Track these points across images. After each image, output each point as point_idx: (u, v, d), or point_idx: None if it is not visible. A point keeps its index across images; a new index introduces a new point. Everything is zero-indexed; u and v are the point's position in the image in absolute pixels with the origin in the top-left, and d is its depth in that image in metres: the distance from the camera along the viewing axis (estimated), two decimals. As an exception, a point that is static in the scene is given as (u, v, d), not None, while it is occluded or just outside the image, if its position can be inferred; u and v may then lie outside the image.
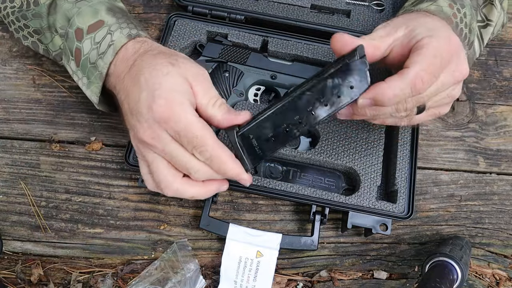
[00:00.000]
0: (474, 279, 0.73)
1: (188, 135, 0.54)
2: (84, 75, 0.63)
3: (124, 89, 0.58)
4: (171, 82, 0.54)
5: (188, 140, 0.54)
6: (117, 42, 0.60)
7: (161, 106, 0.53)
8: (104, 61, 0.60)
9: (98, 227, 0.73)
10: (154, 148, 0.56)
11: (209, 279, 0.71)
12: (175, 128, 0.54)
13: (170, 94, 0.54)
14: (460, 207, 0.77)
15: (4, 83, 0.79)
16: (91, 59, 0.61)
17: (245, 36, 0.79)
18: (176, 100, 0.54)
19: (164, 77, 0.54)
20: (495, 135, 0.81)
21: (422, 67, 0.54)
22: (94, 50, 0.61)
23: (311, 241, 0.69)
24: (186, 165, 0.56)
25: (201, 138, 0.54)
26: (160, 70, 0.55)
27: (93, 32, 0.61)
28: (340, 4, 0.82)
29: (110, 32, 0.61)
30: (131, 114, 0.56)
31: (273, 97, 0.79)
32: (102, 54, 0.60)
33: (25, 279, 0.70)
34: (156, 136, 0.54)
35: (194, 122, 0.54)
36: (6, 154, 0.75)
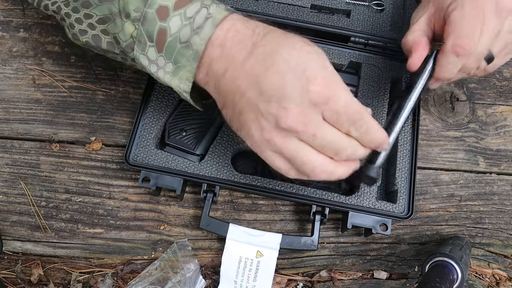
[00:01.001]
0: (474, 279, 0.73)
1: (349, 111, 0.50)
2: (169, 61, 0.54)
3: (248, 74, 0.51)
4: (317, 61, 0.51)
5: (349, 117, 0.51)
6: (216, 15, 0.52)
7: (320, 85, 0.49)
8: (201, 36, 0.52)
9: (98, 227, 0.73)
10: (302, 134, 0.51)
11: (209, 279, 0.71)
12: (335, 107, 0.50)
13: (323, 73, 0.50)
14: (460, 207, 0.77)
15: (4, 83, 0.79)
16: (182, 37, 0.52)
17: (245, 36, 0.79)
18: (332, 79, 0.50)
19: (308, 56, 0.50)
20: (495, 135, 0.81)
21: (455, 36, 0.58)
22: (186, 26, 0.52)
23: (311, 241, 0.69)
24: (338, 145, 0.52)
25: (360, 113, 0.51)
26: (300, 49, 0.51)
27: (183, 7, 0.53)
28: (340, 4, 0.82)
29: (206, 6, 0.53)
30: (267, 101, 0.50)
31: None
32: (198, 29, 0.52)
33: (25, 279, 0.70)
34: (310, 120, 0.50)
35: (352, 98, 0.51)
36: (6, 154, 0.75)
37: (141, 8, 0.54)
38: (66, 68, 0.81)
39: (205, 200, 0.70)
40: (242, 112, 0.52)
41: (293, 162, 0.53)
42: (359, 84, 0.77)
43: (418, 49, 0.63)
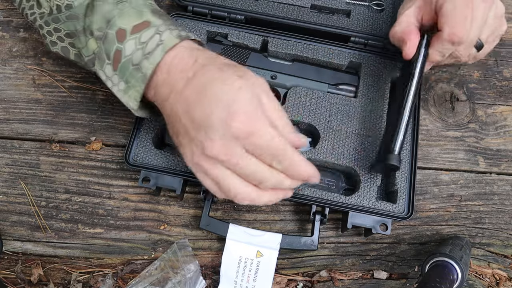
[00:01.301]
0: (474, 279, 0.73)
1: (270, 148, 0.53)
2: (122, 80, 0.59)
3: (184, 102, 0.55)
4: (245, 97, 0.53)
5: (271, 153, 0.54)
6: (167, 42, 0.56)
7: (241, 122, 0.52)
8: (150, 61, 0.56)
9: (98, 227, 0.73)
10: (226, 163, 0.54)
11: (209, 279, 0.71)
12: (257, 143, 0.53)
13: (248, 108, 0.52)
14: (460, 207, 0.77)
15: (4, 83, 0.79)
16: (134, 60, 0.57)
17: (245, 36, 0.79)
18: (255, 115, 0.53)
19: (237, 92, 0.53)
20: (495, 135, 0.81)
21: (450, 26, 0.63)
22: (139, 50, 0.57)
23: (311, 241, 0.69)
24: (261, 175, 0.55)
25: (283, 150, 0.54)
26: (231, 84, 0.53)
27: (138, 32, 0.57)
28: (340, 4, 0.82)
29: (159, 32, 0.57)
30: (197, 129, 0.54)
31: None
32: (148, 54, 0.56)
33: (25, 279, 0.70)
34: (231, 152, 0.53)
35: (276, 135, 0.54)
36: (6, 154, 0.75)
37: (103, 28, 0.59)
38: (66, 68, 0.81)
39: (205, 200, 0.70)
40: (179, 134, 0.57)
41: (219, 187, 0.56)
42: (359, 84, 0.77)
43: (411, 38, 0.68)
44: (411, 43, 0.68)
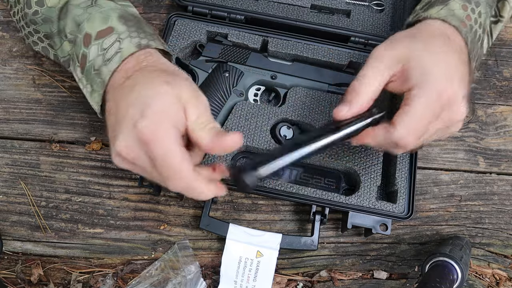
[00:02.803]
0: (474, 279, 0.73)
1: (164, 163, 0.51)
2: (88, 83, 0.60)
3: (114, 100, 0.56)
4: (162, 103, 0.52)
5: (165, 168, 0.51)
6: (125, 50, 0.57)
7: (145, 127, 0.50)
8: (108, 68, 0.57)
9: (98, 227, 0.73)
10: (135, 165, 0.54)
11: (209, 279, 0.71)
12: (154, 153, 0.51)
13: (157, 116, 0.51)
14: (460, 207, 0.77)
15: (4, 83, 0.79)
16: (95, 65, 0.58)
17: (245, 36, 0.79)
18: (162, 124, 0.51)
19: (156, 97, 0.52)
20: (495, 135, 0.81)
21: (406, 128, 0.56)
22: (100, 56, 0.58)
23: (311, 241, 0.69)
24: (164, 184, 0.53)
25: (177, 170, 0.51)
26: (154, 88, 0.53)
27: (102, 38, 0.58)
28: (340, 4, 0.82)
29: (119, 40, 0.58)
30: (115, 127, 0.54)
31: (273, 97, 0.79)
32: (107, 60, 0.57)
33: (25, 279, 0.70)
34: (135, 157, 0.52)
35: (174, 151, 0.51)
36: (6, 154, 0.75)
37: (74, 32, 0.61)
38: (66, 68, 0.81)
39: (205, 200, 0.70)
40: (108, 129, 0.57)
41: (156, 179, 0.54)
42: (359, 84, 0.77)
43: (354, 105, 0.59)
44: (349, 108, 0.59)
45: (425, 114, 0.56)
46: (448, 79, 0.56)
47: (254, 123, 0.73)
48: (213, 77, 0.75)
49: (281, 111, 0.75)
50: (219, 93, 0.74)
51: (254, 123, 0.73)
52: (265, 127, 0.73)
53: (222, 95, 0.75)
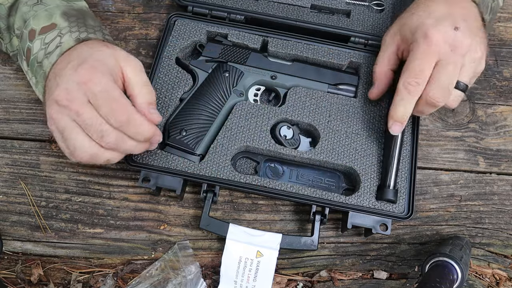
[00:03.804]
0: (474, 279, 0.73)
1: (105, 96, 0.56)
2: (33, 75, 0.65)
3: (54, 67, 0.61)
4: (101, 56, 0.59)
5: (106, 102, 0.56)
6: (65, 44, 0.62)
7: (84, 69, 0.56)
8: (49, 60, 0.62)
9: (98, 227, 0.73)
10: (68, 110, 0.56)
11: (209, 279, 0.71)
12: (94, 90, 0.56)
13: (96, 63, 0.58)
14: (460, 207, 0.77)
15: (4, 83, 0.79)
16: (38, 58, 0.63)
17: (245, 36, 0.79)
18: (99, 68, 0.57)
19: (95, 52, 0.59)
20: (495, 135, 0.81)
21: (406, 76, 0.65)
22: (42, 50, 0.63)
23: (311, 241, 0.69)
24: (100, 127, 0.56)
25: (118, 100, 0.56)
26: (94, 47, 0.60)
27: (45, 33, 0.64)
28: (340, 4, 0.82)
29: (60, 35, 0.63)
30: (52, 80, 0.59)
31: (273, 97, 0.79)
32: (48, 54, 0.62)
33: (25, 279, 0.70)
34: (72, 98, 0.56)
35: (113, 86, 0.57)
36: (6, 154, 0.75)
37: (21, 27, 0.66)
38: (66, 68, 0.81)
39: (205, 200, 0.70)
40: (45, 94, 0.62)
41: (64, 140, 0.58)
42: (359, 84, 0.77)
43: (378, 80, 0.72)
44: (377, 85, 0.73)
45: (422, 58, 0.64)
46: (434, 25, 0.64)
47: (254, 123, 0.73)
48: (213, 77, 0.75)
49: (281, 111, 0.75)
50: (219, 93, 0.74)
51: (254, 123, 0.73)
52: (265, 127, 0.73)
53: (222, 95, 0.75)
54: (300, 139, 0.75)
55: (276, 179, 0.72)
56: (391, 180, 0.70)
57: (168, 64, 0.76)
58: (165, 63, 0.76)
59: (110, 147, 0.58)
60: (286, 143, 0.73)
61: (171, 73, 0.76)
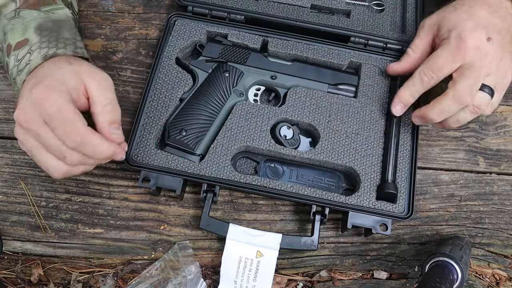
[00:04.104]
0: (474, 279, 0.73)
1: (60, 117, 0.55)
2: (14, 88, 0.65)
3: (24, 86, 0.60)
4: (61, 75, 0.58)
5: (60, 123, 0.55)
6: (33, 62, 0.61)
7: (40, 88, 0.56)
8: (20, 77, 0.62)
9: (98, 227, 0.73)
10: (29, 131, 0.57)
11: (209, 279, 0.71)
12: (48, 110, 0.55)
13: (52, 82, 0.57)
14: (460, 207, 0.77)
15: (4, 83, 0.79)
16: (12, 75, 0.63)
17: (245, 36, 0.79)
18: (55, 87, 0.56)
19: (56, 70, 0.59)
20: (495, 135, 0.81)
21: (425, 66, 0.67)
22: (15, 67, 0.62)
23: (311, 241, 0.69)
24: (60, 148, 0.56)
25: (72, 122, 0.55)
26: (56, 65, 0.60)
27: (18, 49, 0.63)
28: (340, 4, 0.82)
29: (30, 52, 0.62)
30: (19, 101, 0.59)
31: (273, 97, 0.79)
32: (20, 71, 0.62)
33: (25, 279, 0.70)
34: (29, 119, 0.56)
35: (68, 106, 0.55)
36: (6, 154, 0.75)
37: (1, 41, 0.65)
38: (66, 68, 0.81)
39: (205, 200, 0.70)
40: None
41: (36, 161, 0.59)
42: (359, 84, 0.77)
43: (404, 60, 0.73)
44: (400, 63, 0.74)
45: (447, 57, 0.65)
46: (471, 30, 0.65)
47: (254, 123, 0.73)
48: (213, 77, 0.75)
49: (281, 111, 0.75)
50: (219, 93, 0.74)
51: (254, 123, 0.73)
52: (265, 127, 0.73)
53: (222, 95, 0.75)
54: (300, 139, 0.75)
55: (276, 179, 0.72)
56: (389, 174, 0.70)
57: (168, 64, 0.76)
58: (165, 63, 0.76)
59: (77, 164, 0.58)
60: (286, 143, 0.73)
61: (171, 73, 0.76)
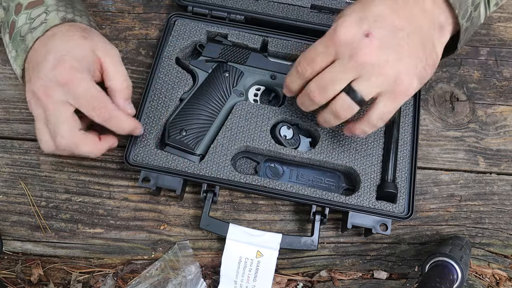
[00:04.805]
0: (474, 279, 0.73)
1: (87, 96, 0.60)
2: (14, 48, 0.66)
3: (35, 50, 0.63)
4: (79, 52, 0.61)
5: (88, 102, 0.60)
6: (50, 21, 0.64)
7: (64, 69, 0.59)
8: (32, 35, 0.63)
9: (98, 227, 0.73)
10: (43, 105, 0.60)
11: (209, 279, 0.71)
12: (74, 92, 0.59)
13: (75, 62, 0.60)
14: (460, 207, 0.77)
15: (4, 83, 0.79)
16: (22, 32, 0.65)
17: (245, 36, 0.79)
18: (78, 68, 0.60)
19: (73, 47, 0.61)
20: (495, 135, 0.81)
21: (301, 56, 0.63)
22: (27, 24, 0.64)
23: (311, 241, 0.69)
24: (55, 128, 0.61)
25: (100, 100, 0.61)
26: (71, 40, 0.62)
27: (31, 8, 0.65)
28: (340, 4, 0.82)
29: (46, 12, 0.64)
30: (33, 69, 0.61)
31: (273, 97, 0.79)
32: (33, 29, 0.64)
33: (25, 279, 0.70)
34: (49, 94, 0.59)
35: (93, 87, 0.61)
36: (6, 154, 0.75)
37: (8, 0, 0.67)
38: (66, 68, 0.81)
39: (205, 200, 0.70)
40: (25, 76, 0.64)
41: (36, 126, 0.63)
42: (359, 84, 0.77)
43: None
44: None
45: (319, 48, 0.60)
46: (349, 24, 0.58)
47: (254, 123, 0.73)
48: (213, 77, 0.75)
49: (281, 111, 0.75)
50: (219, 93, 0.74)
51: (254, 123, 0.73)
52: (265, 127, 0.73)
53: (222, 95, 0.75)
54: (300, 139, 0.75)
55: (276, 179, 0.72)
56: (389, 173, 0.70)
57: (168, 64, 0.76)
58: (165, 63, 0.76)
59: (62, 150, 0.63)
60: (286, 143, 0.73)
61: (171, 73, 0.76)
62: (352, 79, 0.59)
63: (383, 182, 0.71)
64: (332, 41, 0.59)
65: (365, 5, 0.59)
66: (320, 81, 0.60)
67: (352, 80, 0.59)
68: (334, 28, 0.59)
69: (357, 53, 0.57)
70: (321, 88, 0.60)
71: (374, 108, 0.61)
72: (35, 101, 0.61)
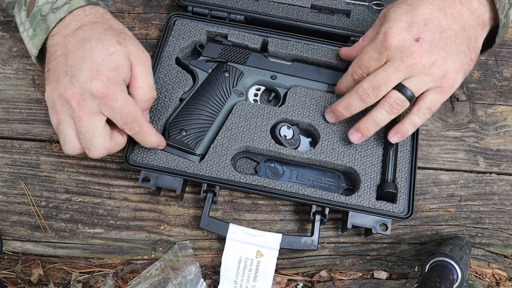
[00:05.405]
0: (474, 279, 0.73)
1: (123, 111, 0.59)
2: (31, 27, 0.64)
3: (65, 46, 0.61)
4: (115, 62, 0.59)
5: (123, 116, 0.60)
6: (74, 2, 0.62)
7: (102, 82, 0.58)
8: (55, 15, 0.62)
9: (98, 227, 0.73)
10: (71, 110, 0.59)
11: (209, 279, 0.71)
12: (111, 105, 0.59)
13: (111, 73, 0.59)
14: (460, 207, 0.77)
15: (4, 83, 0.79)
16: (43, 11, 0.63)
17: (245, 36, 0.79)
18: (115, 80, 0.59)
19: (109, 55, 0.59)
20: (495, 135, 0.81)
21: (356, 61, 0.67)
22: (49, 4, 0.63)
23: (311, 241, 0.69)
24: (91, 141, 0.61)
25: (134, 115, 0.61)
26: (107, 46, 0.60)
27: None
28: (340, 4, 0.82)
29: None
30: (65, 73, 0.59)
31: (273, 97, 0.79)
32: (56, 9, 0.62)
33: (25, 279, 0.70)
34: (84, 105, 0.58)
35: (129, 102, 0.60)
36: (6, 154, 0.75)
37: None
38: (66, 68, 0.81)
39: (205, 200, 0.70)
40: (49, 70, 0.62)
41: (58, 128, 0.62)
42: (359, 84, 0.77)
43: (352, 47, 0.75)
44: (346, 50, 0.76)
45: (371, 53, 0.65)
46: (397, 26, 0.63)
47: (254, 123, 0.73)
48: (213, 77, 0.75)
49: (281, 111, 0.75)
50: (219, 93, 0.74)
51: (254, 123, 0.73)
52: (265, 127, 0.73)
53: (222, 95, 0.75)
54: (300, 139, 0.75)
55: (276, 179, 0.72)
56: (389, 173, 0.71)
57: (168, 64, 0.76)
58: (165, 63, 0.76)
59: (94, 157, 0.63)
60: (286, 143, 0.73)
61: (171, 73, 0.76)
62: (404, 78, 0.64)
63: (383, 182, 0.71)
64: (385, 47, 0.63)
65: (412, 6, 0.63)
66: (373, 80, 0.64)
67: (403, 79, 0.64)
68: (384, 33, 0.63)
69: (408, 56, 0.62)
70: (375, 87, 0.64)
71: (423, 100, 0.65)
72: (62, 105, 0.60)
